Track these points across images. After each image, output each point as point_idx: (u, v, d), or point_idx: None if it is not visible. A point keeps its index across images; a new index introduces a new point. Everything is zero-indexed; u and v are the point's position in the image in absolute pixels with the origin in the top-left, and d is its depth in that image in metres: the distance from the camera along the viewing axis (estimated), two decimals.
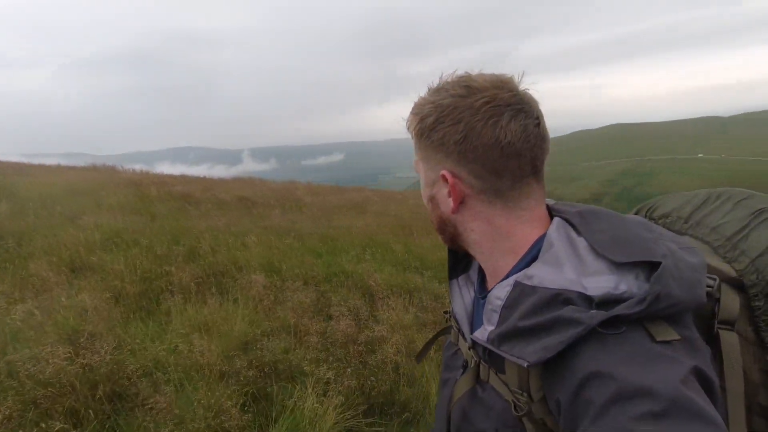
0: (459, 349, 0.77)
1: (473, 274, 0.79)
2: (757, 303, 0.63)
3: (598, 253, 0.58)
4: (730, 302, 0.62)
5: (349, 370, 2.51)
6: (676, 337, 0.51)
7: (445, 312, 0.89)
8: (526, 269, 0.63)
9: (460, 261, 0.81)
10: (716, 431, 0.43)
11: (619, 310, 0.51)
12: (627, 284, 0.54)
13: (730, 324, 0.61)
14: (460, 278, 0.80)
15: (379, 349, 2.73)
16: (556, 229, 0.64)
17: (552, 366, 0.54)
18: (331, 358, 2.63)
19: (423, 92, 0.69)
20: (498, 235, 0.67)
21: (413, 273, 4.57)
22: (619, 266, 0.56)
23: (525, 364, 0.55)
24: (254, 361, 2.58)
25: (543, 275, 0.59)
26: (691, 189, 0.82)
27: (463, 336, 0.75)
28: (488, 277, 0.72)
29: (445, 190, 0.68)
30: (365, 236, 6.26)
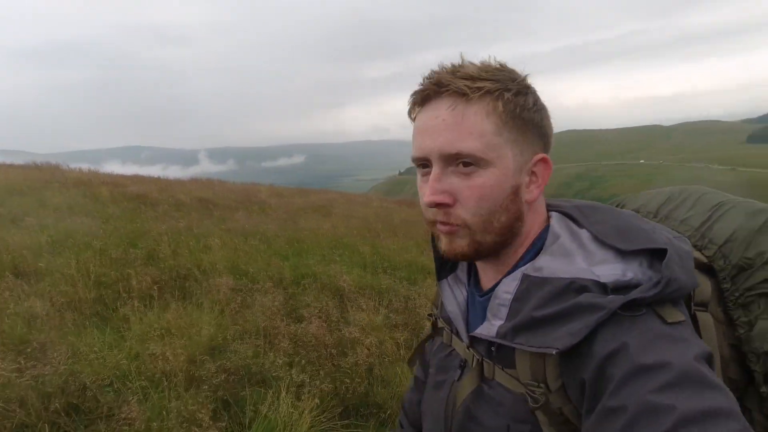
0: (454, 349, 0.76)
1: (461, 273, 0.78)
2: (725, 285, 0.68)
3: (602, 242, 0.61)
4: (704, 286, 0.66)
5: (322, 372, 2.47)
6: (682, 318, 0.55)
7: (430, 315, 0.88)
8: (533, 262, 0.64)
9: (446, 261, 0.78)
10: (725, 396, 0.46)
11: (636, 293, 0.54)
12: (633, 271, 0.58)
13: (704, 306, 0.65)
14: (449, 278, 0.79)
15: (351, 351, 2.70)
16: (558, 222, 0.66)
17: (572, 352, 0.55)
18: (303, 361, 2.58)
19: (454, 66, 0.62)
20: (533, 226, 0.67)
21: (382, 274, 4.58)
22: (624, 254, 0.59)
23: (553, 352, 0.55)
24: (223, 365, 2.49)
25: (554, 266, 0.61)
26: (637, 191, 0.89)
27: (459, 336, 0.75)
28: (488, 273, 0.71)
29: (527, 178, 0.64)
30: (332, 238, 6.20)
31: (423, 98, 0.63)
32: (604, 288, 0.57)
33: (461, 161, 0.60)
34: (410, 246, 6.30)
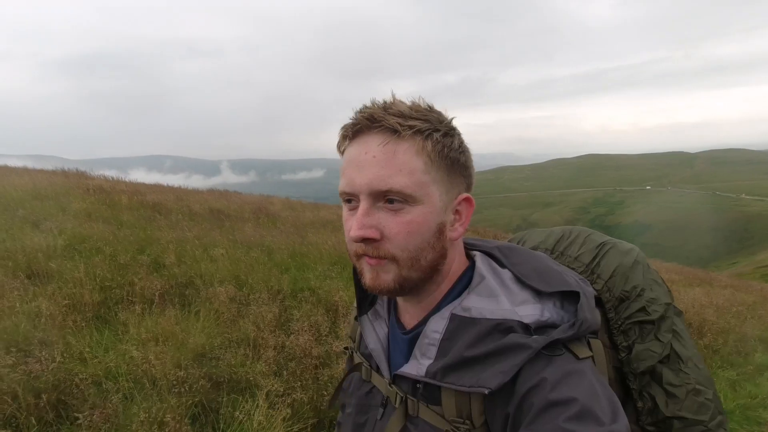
0: (374, 386, 0.76)
1: (381, 308, 0.78)
2: (610, 315, 0.77)
3: (522, 282, 0.66)
4: (596, 316, 0.70)
5: (299, 384, 2.54)
6: (590, 354, 0.61)
7: (345, 348, 0.88)
8: (460, 302, 0.66)
9: (366, 296, 0.79)
10: (618, 423, 0.53)
11: (557, 334, 0.60)
12: (549, 311, 0.64)
13: (596, 333, 0.70)
14: (369, 313, 0.79)
15: (334, 364, 2.77)
16: (482, 262, 0.69)
17: (497, 389, 0.59)
18: (284, 372, 2.66)
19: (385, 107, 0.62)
20: (453, 265, 0.69)
21: None
22: (541, 295, 0.65)
23: (486, 392, 0.58)
24: (208, 372, 2.58)
25: (482, 306, 0.64)
26: (659, 219, 0.96)
27: (379, 372, 0.75)
28: (412, 312, 0.71)
29: (452, 217, 0.66)
30: (336, 254, 6.31)
31: (354, 132, 0.63)
32: (527, 328, 0.62)
33: (389, 198, 0.61)
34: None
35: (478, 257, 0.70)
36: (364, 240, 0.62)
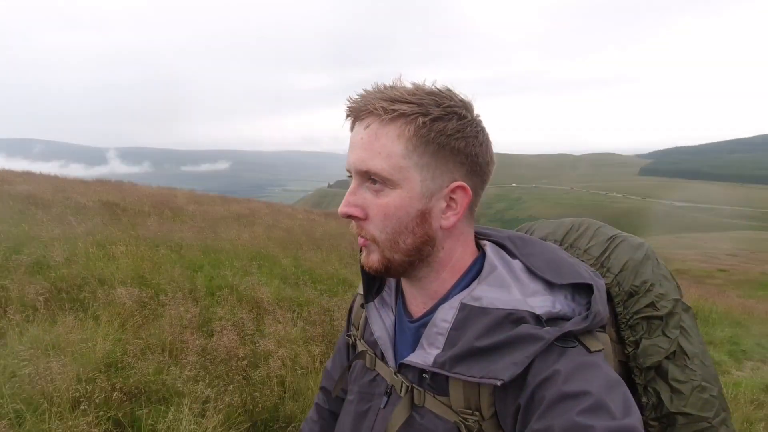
0: (378, 374, 0.74)
1: (388, 296, 0.77)
2: (618, 309, 0.76)
3: (534, 274, 0.65)
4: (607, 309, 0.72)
5: (230, 386, 2.37)
6: (602, 347, 0.61)
7: (348, 335, 0.86)
8: (470, 291, 0.65)
9: (372, 283, 0.78)
10: (630, 417, 0.53)
11: (570, 326, 0.59)
12: (560, 303, 0.63)
13: (603, 327, 0.71)
14: (376, 301, 0.77)
15: (264, 364, 2.63)
16: (493, 252, 0.68)
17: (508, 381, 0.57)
18: (210, 376, 2.46)
19: (388, 86, 0.62)
20: (457, 254, 0.68)
21: (302, 287, 4.51)
22: (553, 287, 0.64)
23: (498, 383, 0.57)
24: (119, 383, 2.28)
25: (493, 296, 0.63)
26: (551, 214, 0.97)
27: (384, 360, 0.73)
28: (419, 300, 0.70)
29: (443, 204, 0.64)
30: (252, 249, 6.00)
31: (347, 115, 0.65)
32: (538, 319, 0.61)
33: (371, 179, 0.62)
34: (333, 259, 6.28)
35: (489, 247, 0.69)
36: (349, 217, 0.64)
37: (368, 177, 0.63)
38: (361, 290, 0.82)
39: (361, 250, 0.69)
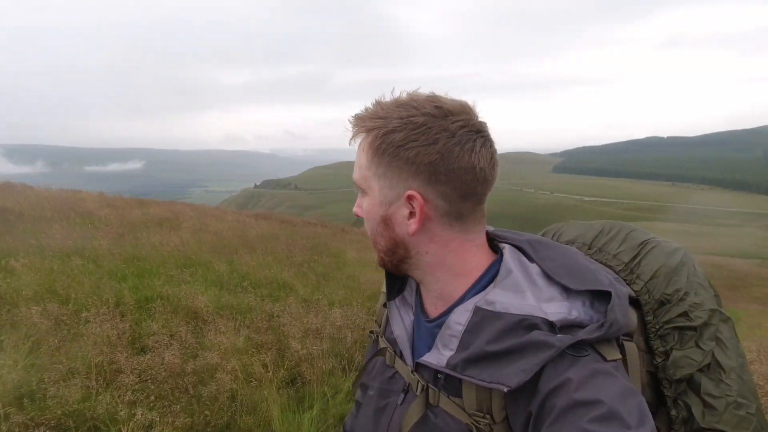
0: (397, 372, 0.75)
1: (409, 296, 0.77)
2: (648, 318, 0.74)
3: (551, 279, 0.64)
4: (632, 318, 0.69)
5: (177, 407, 2.17)
6: (619, 356, 0.60)
7: (371, 332, 0.87)
8: (484, 295, 0.64)
9: (395, 282, 0.78)
10: (644, 428, 0.52)
11: (583, 335, 0.58)
12: (577, 310, 0.61)
13: (630, 336, 0.69)
14: (397, 300, 0.78)
15: (211, 379, 2.44)
16: (510, 256, 0.67)
17: (519, 386, 0.57)
18: (153, 397, 2.23)
19: (361, 104, 0.68)
20: (452, 258, 0.67)
21: (242, 293, 4.28)
22: (570, 293, 0.62)
23: (505, 389, 0.56)
24: (37, 416, 2.00)
25: (506, 301, 0.62)
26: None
27: (403, 359, 0.74)
28: (431, 301, 0.71)
29: (405, 211, 0.65)
30: (182, 255, 5.58)
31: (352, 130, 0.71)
32: (552, 326, 0.60)
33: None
34: (270, 262, 6.05)
35: (507, 250, 0.68)
36: (358, 217, 0.72)
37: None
38: (384, 289, 0.82)
39: None
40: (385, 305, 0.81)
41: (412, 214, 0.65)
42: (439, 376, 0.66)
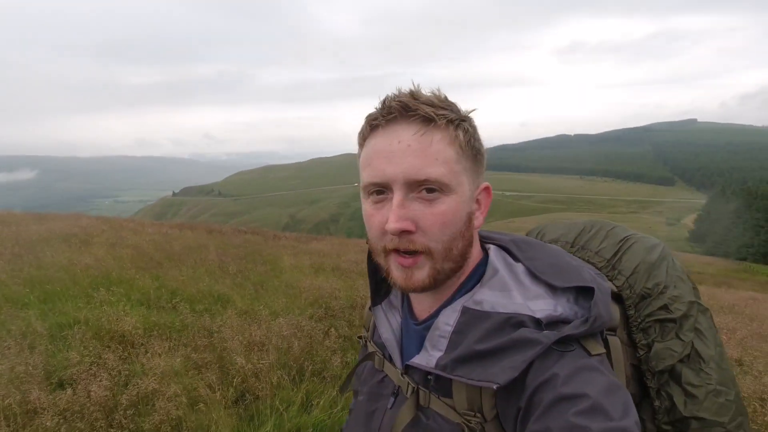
0: (386, 375, 0.75)
1: (395, 299, 0.77)
2: (630, 312, 0.76)
3: (536, 277, 0.65)
4: (614, 313, 0.72)
5: None
6: (603, 351, 0.61)
7: (360, 337, 0.85)
8: (472, 295, 0.65)
9: (380, 286, 0.78)
10: (627, 420, 0.53)
11: (569, 330, 0.59)
12: (562, 307, 0.63)
13: (614, 330, 0.70)
14: (383, 304, 0.78)
15: (150, 408, 2.20)
16: (496, 255, 0.68)
17: (506, 385, 0.57)
18: None
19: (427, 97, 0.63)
20: (473, 256, 0.68)
21: (173, 310, 3.95)
22: (555, 290, 0.64)
23: (494, 387, 0.57)
24: None
25: (494, 300, 0.63)
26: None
27: (392, 362, 0.74)
28: (424, 303, 0.70)
29: (475, 205, 0.66)
30: (98, 274, 5.03)
31: (387, 121, 0.62)
32: (538, 323, 0.61)
33: (425, 187, 0.60)
34: (201, 274, 5.66)
35: (493, 250, 0.70)
36: (402, 232, 0.61)
37: (419, 186, 0.61)
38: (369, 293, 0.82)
39: (383, 269, 0.66)
40: (370, 309, 0.81)
41: (477, 208, 0.67)
42: (429, 377, 0.67)
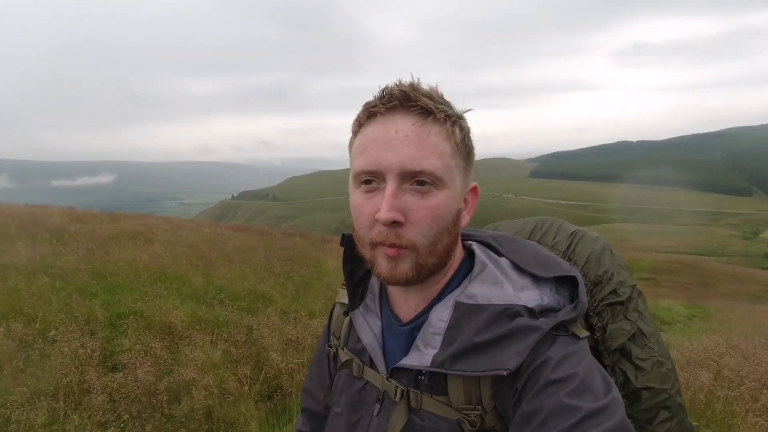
0: (367, 382, 0.73)
1: (371, 302, 0.76)
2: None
3: (521, 269, 0.68)
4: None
5: (149, 427, 2.09)
6: (587, 334, 0.65)
7: (329, 346, 0.84)
8: (462, 290, 0.67)
9: (356, 290, 0.76)
10: (613, 395, 0.58)
11: (562, 316, 0.63)
12: (547, 296, 0.66)
13: None
14: (361, 307, 0.76)
15: (186, 396, 2.37)
16: (481, 251, 0.70)
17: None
18: (125, 417, 2.15)
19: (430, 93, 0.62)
20: (457, 253, 0.69)
21: (218, 306, 4.19)
22: (539, 281, 0.67)
23: (505, 372, 0.59)
24: None
25: (487, 293, 0.65)
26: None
27: (373, 367, 0.72)
28: (410, 301, 0.70)
29: (463, 204, 0.66)
30: (156, 269, 5.43)
31: (386, 109, 0.61)
32: (532, 312, 0.64)
33: (418, 179, 0.60)
34: (248, 273, 5.94)
35: (476, 246, 0.72)
36: (393, 223, 0.60)
37: (413, 177, 0.60)
38: (341, 299, 0.81)
39: (369, 263, 0.66)
40: (345, 314, 0.80)
41: (463, 208, 0.67)
42: (421, 377, 0.66)
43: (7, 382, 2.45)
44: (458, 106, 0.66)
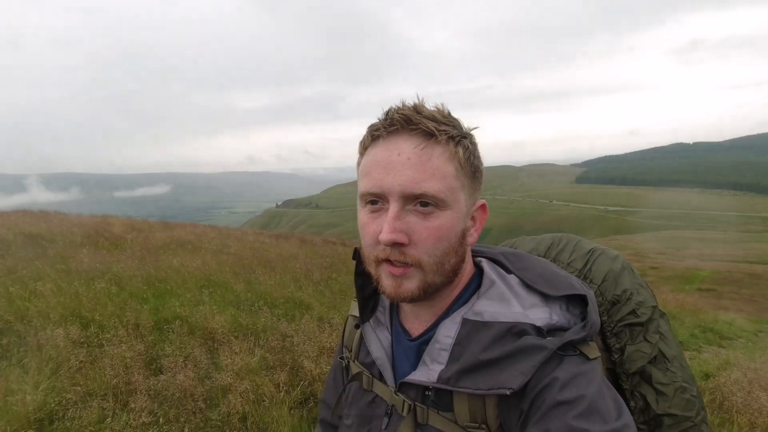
0: (376, 395, 0.74)
1: (382, 316, 0.77)
2: (603, 318, 0.79)
3: (529, 287, 0.67)
4: (599, 319, 0.74)
5: (187, 430, 2.18)
6: (598, 354, 0.63)
7: (341, 358, 0.84)
8: (470, 306, 0.66)
9: (367, 303, 0.77)
10: (622, 418, 0.56)
11: (570, 336, 0.62)
12: (557, 315, 0.64)
13: (591, 336, 0.73)
14: (371, 321, 0.77)
15: (223, 400, 2.45)
16: (490, 268, 0.70)
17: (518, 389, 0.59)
18: (162, 420, 2.25)
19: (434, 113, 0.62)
20: (466, 270, 0.69)
21: (258, 313, 4.31)
22: (548, 299, 0.66)
23: (508, 392, 0.58)
24: None
25: (494, 310, 0.65)
26: (499, 223, 0.99)
27: (383, 380, 0.73)
28: (420, 317, 0.70)
29: (470, 223, 0.66)
30: (202, 276, 5.68)
31: (388, 133, 0.62)
32: (539, 331, 0.63)
33: (420, 201, 0.60)
34: (288, 281, 6.09)
35: (485, 263, 0.71)
36: (395, 244, 0.61)
37: (415, 199, 0.60)
38: (353, 311, 0.82)
39: (375, 279, 0.66)
40: (356, 327, 0.80)
41: (472, 225, 0.67)
42: (428, 393, 0.66)
43: (63, 381, 2.63)
44: (467, 122, 0.66)
